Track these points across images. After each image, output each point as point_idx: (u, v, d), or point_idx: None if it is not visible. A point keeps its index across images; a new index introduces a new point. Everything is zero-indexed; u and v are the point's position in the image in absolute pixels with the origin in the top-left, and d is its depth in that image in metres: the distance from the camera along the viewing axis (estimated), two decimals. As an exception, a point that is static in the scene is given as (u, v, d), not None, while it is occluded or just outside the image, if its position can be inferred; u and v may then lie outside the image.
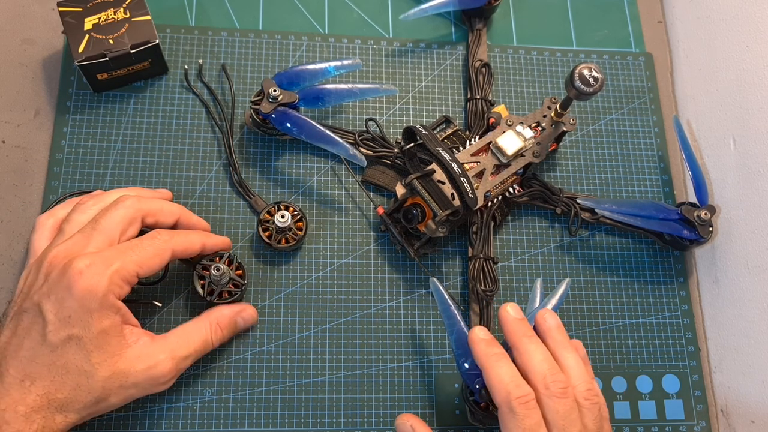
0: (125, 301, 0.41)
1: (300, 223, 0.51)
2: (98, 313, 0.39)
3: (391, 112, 0.58)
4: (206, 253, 0.47)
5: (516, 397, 0.39)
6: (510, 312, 0.43)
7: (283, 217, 0.49)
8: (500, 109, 0.54)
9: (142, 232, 0.44)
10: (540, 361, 0.41)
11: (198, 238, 0.46)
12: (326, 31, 0.60)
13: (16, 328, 0.39)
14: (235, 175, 0.53)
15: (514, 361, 0.42)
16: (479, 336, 0.43)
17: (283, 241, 0.50)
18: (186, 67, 0.56)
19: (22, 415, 0.37)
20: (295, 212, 0.51)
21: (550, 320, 0.44)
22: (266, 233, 0.50)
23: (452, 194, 0.48)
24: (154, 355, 0.41)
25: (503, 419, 0.39)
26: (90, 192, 0.50)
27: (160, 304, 0.49)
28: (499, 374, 0.40)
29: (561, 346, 0.42)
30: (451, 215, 0.47)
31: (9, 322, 0.40)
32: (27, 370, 0.38)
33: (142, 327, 0.43)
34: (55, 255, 0.40)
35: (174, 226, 0.47)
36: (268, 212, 0.50)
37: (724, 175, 0.55)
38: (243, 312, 0.48)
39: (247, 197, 0.53)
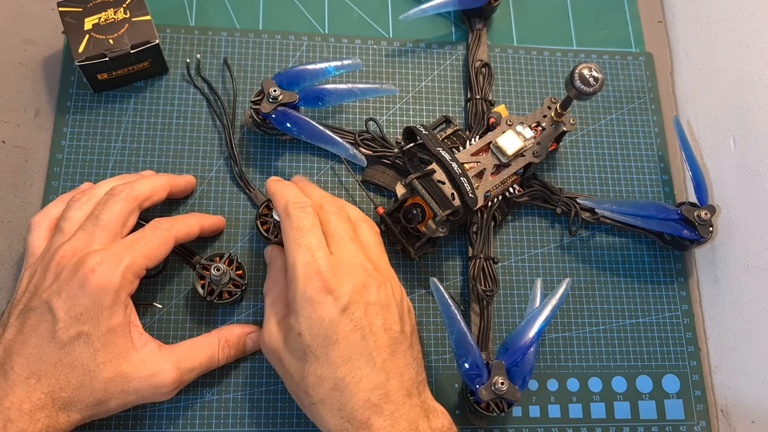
0: None
1: None
2: (109, 311, 0.39)
3: (391, 112, 0.58)
4: (205, 235, 0.50)
5: (293, 202, 0.43)
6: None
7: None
8: (500, 109, 0.54)
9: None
10: (316, 192, 0.47)
11: (196, 222, 0.48)
12: (326, 31, 0.60)
13: (23, 326, 0.39)
14: (236, 168, 0.53)
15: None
16: (273, 179, 0.48)
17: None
18: (188, 60, 0.56)
19: (26, 413, 0.37)
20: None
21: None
22: (264, 227, 0.50)
23: (452, 194, 0.48)
24: (159, 363, 0.42)
25: (282, 228, 0.43)
26: (78, 187, 0.50)
27: (160, 306, 0.49)
28: (283, 191, 0.45)
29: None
30: (452, 215, 0.47)
31: (14, 321, 0.39)
32: (33, 367, 0.38)
33: (143, 327, 0.43)
34: (62, 254, 0.40)
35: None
36: (267, 206, 0.50)
37: (724, 175, 0.55)
38: (253, 334, 0.48)
39: (247, 190, 0.53)
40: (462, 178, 0.47)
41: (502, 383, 0.45)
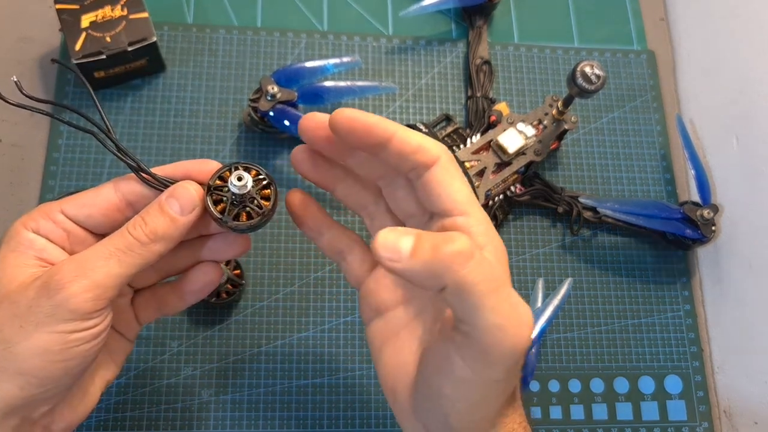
0: None
1: (267, 191, 0.32)
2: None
3: (390, 110, 0.57)
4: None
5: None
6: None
7: (240, 179, 0.31)
8: (501, 106, 0.54)
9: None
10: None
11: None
12: (325, 29, 0.60)
13: None
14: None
15: None
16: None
17: (243, 216, 0.32)
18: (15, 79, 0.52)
19: None
20: (260, 176, 0.32)
21: None
22: (219, 206, 0.32)
23: (452, 193, 0.47)
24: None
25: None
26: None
27: None
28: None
29: None
30: (452, 214, 0.47)
31: None
32: None
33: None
34: None
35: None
36: (221, 177, 0.32)
37: (727, 174, 0.55)
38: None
39: None
40: (462, 177, 0.46)
41: (503, 384, 0.44)
